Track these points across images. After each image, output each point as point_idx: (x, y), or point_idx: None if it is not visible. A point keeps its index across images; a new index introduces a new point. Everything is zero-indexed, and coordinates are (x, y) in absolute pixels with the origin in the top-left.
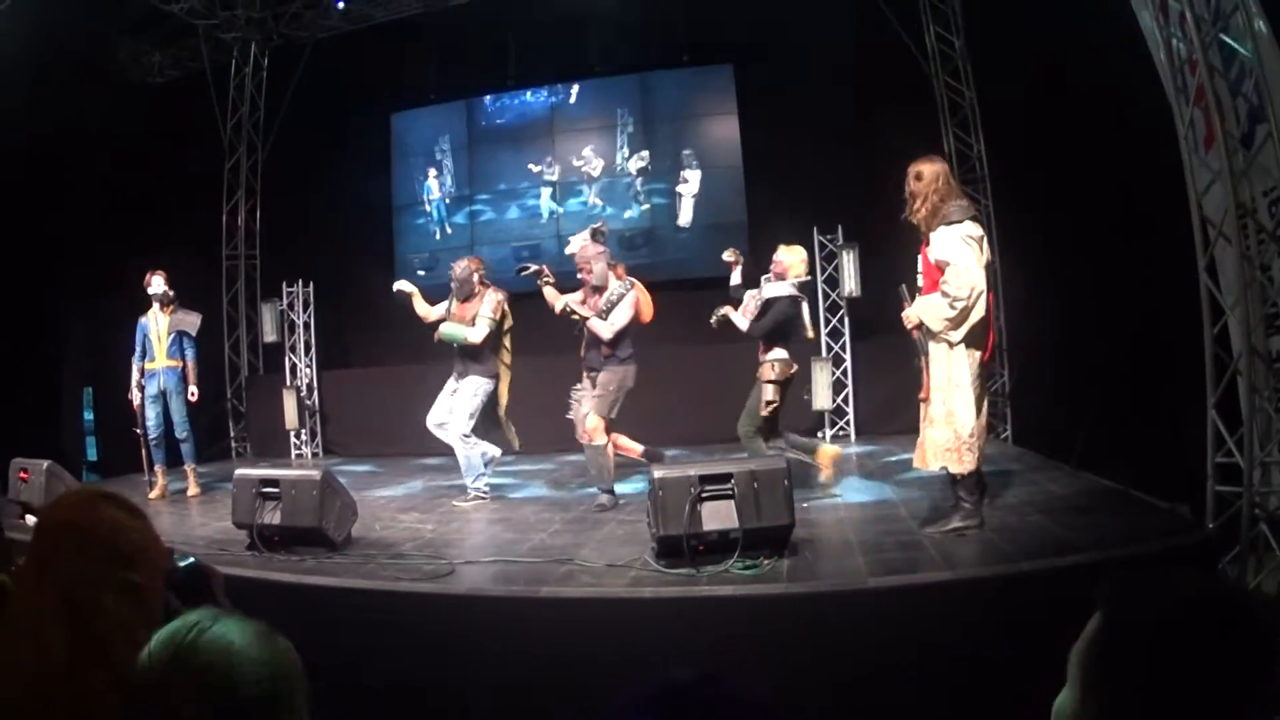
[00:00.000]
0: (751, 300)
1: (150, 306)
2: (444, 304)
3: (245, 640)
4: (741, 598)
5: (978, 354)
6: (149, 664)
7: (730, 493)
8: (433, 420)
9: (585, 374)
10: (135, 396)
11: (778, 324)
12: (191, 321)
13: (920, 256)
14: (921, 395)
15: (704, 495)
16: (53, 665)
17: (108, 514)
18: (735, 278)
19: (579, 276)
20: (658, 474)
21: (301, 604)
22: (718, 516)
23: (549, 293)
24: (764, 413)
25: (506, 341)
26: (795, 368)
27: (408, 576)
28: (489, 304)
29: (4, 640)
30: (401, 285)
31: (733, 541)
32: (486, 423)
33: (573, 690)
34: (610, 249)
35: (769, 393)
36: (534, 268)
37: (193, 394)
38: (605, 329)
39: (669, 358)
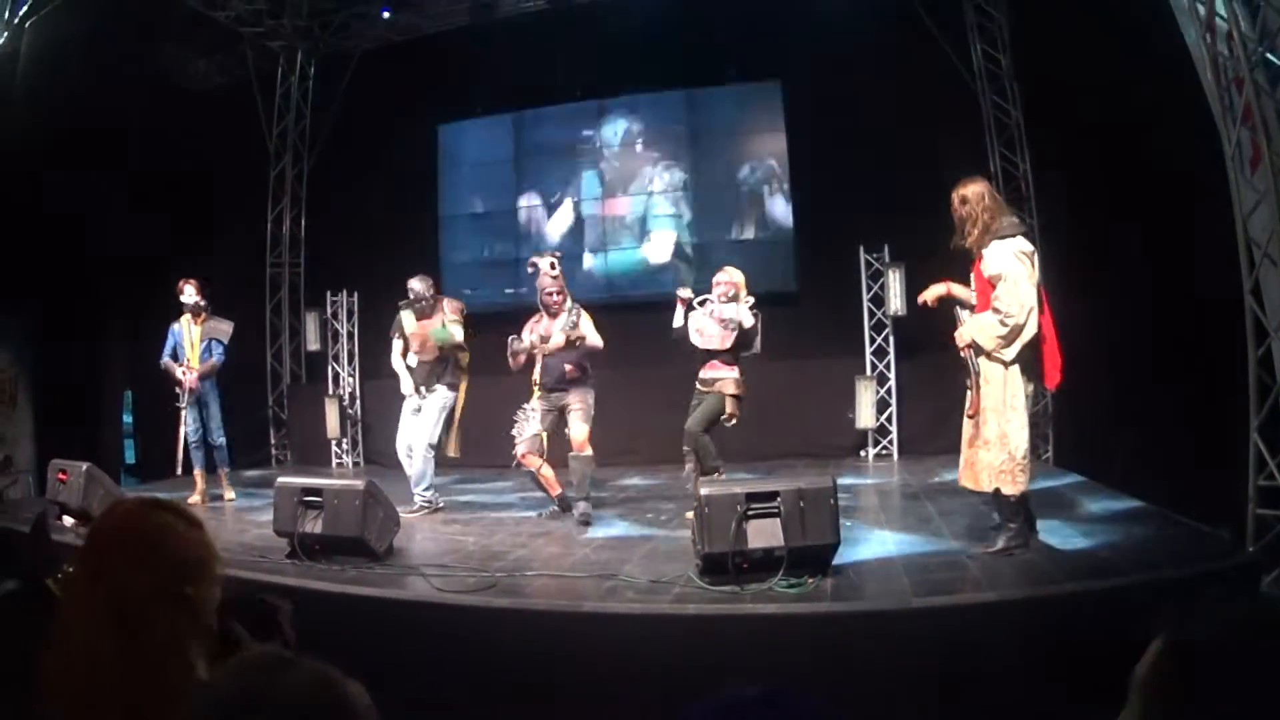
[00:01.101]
0: (711, 323)
1: (184, 313)
2: (398, 342)
3: (318, 686)
4: (786, 616)
5: (1027, 377)
6: (217, 700)
7: (776, 511)
8: (403, 443)
9: (540, 395)
10: (175, 371)
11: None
12: (224, 329)
13: (973, 275)
14: (969, 412)
15: (750, 513)
16: (103, 676)
17: (163, 523)
18: (678, 319)
19: (546, 298)
20: (704, 491)
21: (342, 614)
22: (763, 534)
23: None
24: (728, 424)
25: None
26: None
27: (450, 589)
28: (450, 309)
29: (53, 649)
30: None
31: (777, 560)
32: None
33: (615, 706)
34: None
35: (732, 406)
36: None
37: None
38: (597, 339)
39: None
